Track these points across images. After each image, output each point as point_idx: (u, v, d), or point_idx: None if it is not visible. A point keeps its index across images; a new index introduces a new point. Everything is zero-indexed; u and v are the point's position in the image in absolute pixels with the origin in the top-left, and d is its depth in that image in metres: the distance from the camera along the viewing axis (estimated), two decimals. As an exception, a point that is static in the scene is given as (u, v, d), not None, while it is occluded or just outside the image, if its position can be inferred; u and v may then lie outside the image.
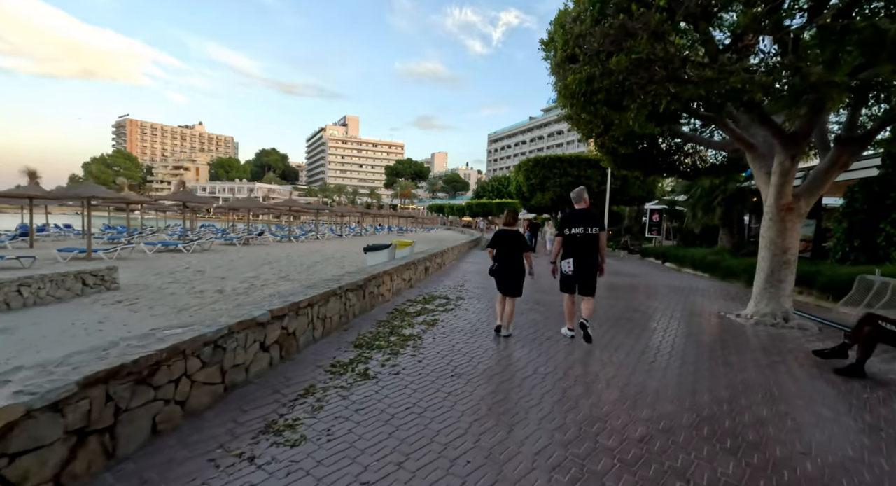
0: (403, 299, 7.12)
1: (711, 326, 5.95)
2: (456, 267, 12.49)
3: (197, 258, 13.62)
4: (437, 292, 7.88)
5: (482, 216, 57.38)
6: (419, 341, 4.66)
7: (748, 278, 9.81)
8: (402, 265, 7.88)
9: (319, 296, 4.48)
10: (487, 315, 6.08)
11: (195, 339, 2.65)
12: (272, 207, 24.78)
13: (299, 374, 3.53)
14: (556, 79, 6.71)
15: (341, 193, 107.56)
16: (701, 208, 11.97)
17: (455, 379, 3.59)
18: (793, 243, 6.06)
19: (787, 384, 3.75)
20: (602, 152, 8.52)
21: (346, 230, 38.46)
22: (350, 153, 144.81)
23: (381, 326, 5.26)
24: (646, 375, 3.87)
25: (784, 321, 5.96)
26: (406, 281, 8.13)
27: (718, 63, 4.69)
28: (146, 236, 17.98)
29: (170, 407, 2.48)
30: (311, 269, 12.06)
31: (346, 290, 5.19)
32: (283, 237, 23.20)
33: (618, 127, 6.37)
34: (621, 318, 6.23)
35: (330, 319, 4.77)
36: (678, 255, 14.40)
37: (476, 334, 5.04)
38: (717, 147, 7.59)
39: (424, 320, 5.62)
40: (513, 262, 4.86)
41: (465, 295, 7.72)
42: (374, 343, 4.49)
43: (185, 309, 6.77)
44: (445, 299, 7.29)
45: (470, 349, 4.44)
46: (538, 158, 19.57)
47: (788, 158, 5.70)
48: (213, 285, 8.98)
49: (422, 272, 9.44)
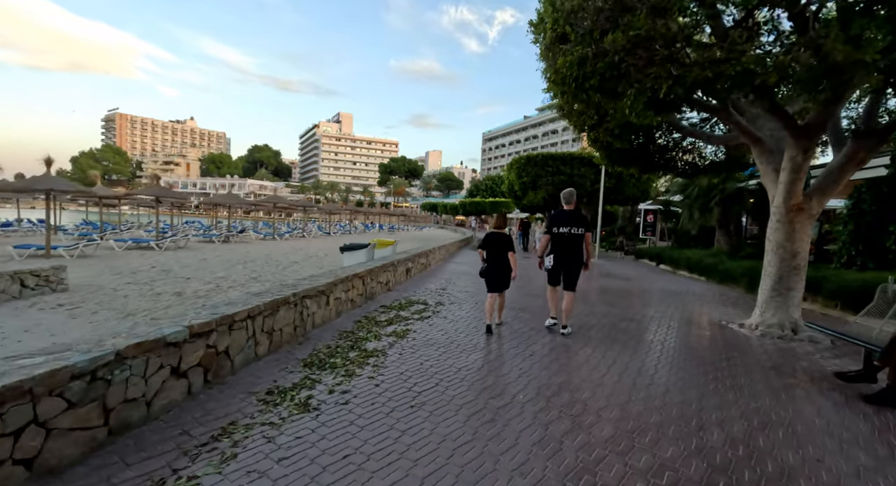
0: (377, 304, 6.49)
1: (714, 338, 5.37)
2: (442, 268, 11.87)
3: (168, 257, 12.86)
4: (415, 297, 7.25)
5: (475, 215, 56.75)
6: (382, 358, 4.02)
7: (748, 283, 9.32)
8: (378, 267, 7.24)
9: (266, 305, 3.83)
10: (467, 324, 5.47)
11: (55, 373, 2.00)
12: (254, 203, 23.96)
13: (224, 405, 2.88)
14: (546, 64, 6.11)
15: (334, 191, 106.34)
16: (698, 209, 11.44)
17: (415, 412, 2.97)
18: (803, 246, 5.50)
19: (810, 417, 3.17)
20: (595, 147, 7.93)
21: (336, 228, 37.71)
22: (343, 150, 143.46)
23: (343, 338, 4.62)
24: (643, 404, 3.27)
25: (793, 333, 5.41)
26: (383, 284, 7.49)
27: (728, 41, 4.10)
28: (121, 233, 17.15)
29: (5, 469, 1.82)
30: (287, 269, 11.37)
31: (302, 297, 4.55)
32: (267, 235, 22.41)
33: (612, 117, 5.78)
34: (615, 328, 5.65)
35: (280, 331, 4.12)
36: (673, 257, 13.88)
37: (450, 349, 4.42)
38: (718, 142, 7.03)
39: (394, 331, 4.99)
40: (501, 262, 5.18)
41: (446, 300, 7.10)
42: (329, 361, 3.85)
43: (132, 314, 6.08)
44: (423, 304, 6.67)
45: (440, 369, 3.82)
46: (530, 155, 18.95)
47: (800, 153, 5.14)
48: (175, 286, 8.28)
49: (402, 274, 8.81)
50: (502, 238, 5.23)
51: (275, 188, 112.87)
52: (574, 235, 5.03)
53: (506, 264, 5.17)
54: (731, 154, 7.79)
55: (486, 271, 5.22)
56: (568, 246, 5.06)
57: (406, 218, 61.25)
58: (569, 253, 5.07)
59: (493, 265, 5.20)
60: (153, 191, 15.31)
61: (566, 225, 5.05)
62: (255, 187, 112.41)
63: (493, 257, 5.20)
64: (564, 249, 5.07)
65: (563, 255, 5.08)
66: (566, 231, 5.04)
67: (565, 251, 5.07)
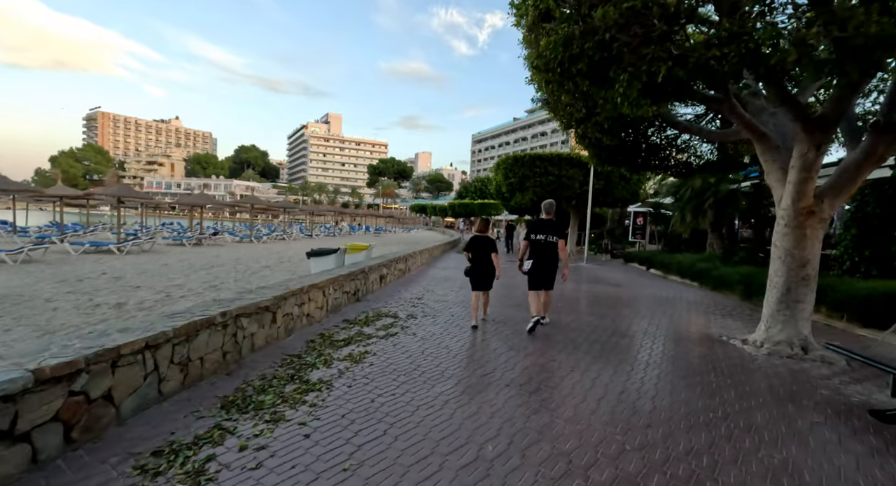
0: (340, 318, 5.76)
1: (717, 359, 4.75)
2: (423, 273, 11.17)
3: (127, 262, 11.93)
4: (386, 308, 6.53)
5: (464, 217, 56.12)
6: (325, 393, 3.30)
7: (744, 290, 8.78)
8: (344, 276, 6.51)
9: (180, 330, 3.09)
10: (437, 343, 4.77)
11: None
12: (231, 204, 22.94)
13: (81, 478, 2.13)
14: (528, 49, 5.46)
15: (322, 192, 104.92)
16: (690, 211, 10.90)
17: (346, 481, 2.25)
18: (813, 254, 4.92)
19: (852, 475, 2.53)
20: (583, 145, 7.30)
21: (321, 230, 36.72)
22: (332, 151, 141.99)
23: (286, 365, 3.88)
24: (640, 457, 2.59)
25: (803, 352, 4.82)
26: (349, 294, 6.75)
27: (738, 15, 3.48)
28: (82, 235, 16.12)
29: None
30: (255, 275, 10.55)
31: (236, 316, 3.80)
32: (245, 237, 21.43)
33: (602, 109, 5.14)
34: (605, 345, 4.99)
35: (200, 361, 3.37)
36: (664, 261, 13.36)
37: (411, 378, 3.71)
38: (716, 139, 6.45)
39: (350, 354, 4.27)
40: (485, 263, 5.62)
41: (419, 312, 6.40)
42: (256, 399, 3.11)
43: (55, 331, 5.26)
44: (393, 317, 5.95)
45: (393, 408, 3.11)
46: (517, 155, 18.30)
47: (812, 149, 4.55)
48: (120, 296, 7.43)
49: (375, 282, 8.08)
50: (486, 241, 5.69)
51: (258, 189, 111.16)
52: (549, 243, 5.50)
53: (489, 264, 5.60)
54: (727, 153, 7.22)
55: (471, 272, 5.68)
56: (544, 252, 5.53)
57: (394, 219, 60.38)
58: (545, 258, 5.53)
59: (477, 266, 5.64)
60: (115, 190, 14.31)
61: (542, 233, 5.53)
62: (242, 188, 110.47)
63: (478, 259, 5.64)
64: (541, 254, 5.54)
65: (540, 259, 5.54)
66: (542, 238, 5.52)
67: (542, 256, 5.54)
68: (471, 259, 5.68)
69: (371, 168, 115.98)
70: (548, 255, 5.52)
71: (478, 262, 5.62)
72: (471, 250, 5.67)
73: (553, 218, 5.65)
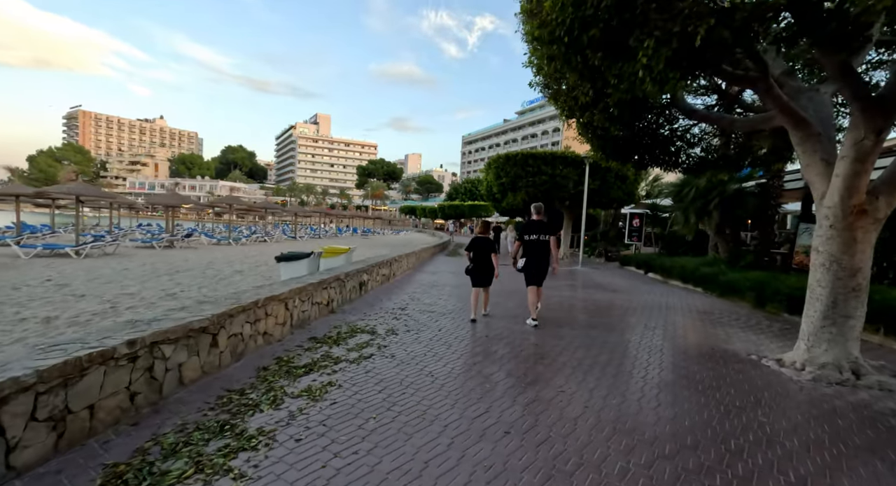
0: (306, 335, 4.86)
1: (753, 386, 3.96)
2: (410, 279, 10.30)
3: (81, 266, 10.83)
4: (363, 322, 5.66)
5: (454, 219, 55.25)
6: (261, 454, 2.42)
7: (756, 298, 8.08)
8: (315, 284, 5.62)
9: (53, 371, 2.19)
10: (419, 368, 3.90)
11: None
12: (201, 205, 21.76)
13: None
14: (527, 22, 4.65)
15: (310, 193, 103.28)
16: (694, 212, 10.19)
17: None
18: (865, 261, 4.17)
19: None
20: (586, 137, 6.51)
21: (307, 231, 35.56)
22: (321, 152, 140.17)
23: (220, 407, 2.98)
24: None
25: (854, 377, 4.06)
26: (321, 306, 5.86)
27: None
28: (42, 237, 14.89)
29: None
30: (224, 281, 9.57)
31: (153, 344, 2.89)
32: (223, 239, 20.28)
33: (615, 89, 4.32)
34: (620, 368, 4.17)
35: (91, 410, 2.46)
36: (664, 265, 12.65)
37: (381, 424, 2.84)
38: (742, 128, 5.69)
39: (309, 387, 3.39)
40: (484, 261, 6.01)
41: (401, 326, 5.53)
42: (158, 470, 2.21)
43: (-48, 356, 4.28)
44: (370, 333, 5.08)
45: (354, 477, 2.24)
46: (509, 154, 17.47)
47: (871, 135, 3.79)
48: (57, 308, 6.42)
49: (354, 290, 7.19)
50: (486, 242, 6.10)
51: (244, 190, 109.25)
52: (542, 241, 5.85)
53: (489, 263, 5.99)
54: (747, 144, 6.49)
55: (472, 270, 6.05)
56: (537, 250, 5.86)
57: (382, 221, 59.32)
58: (538, 255, 5.87)
59: (477, 265, 6.02)
60: (73, 188, 13.12)
61: (535, 233, 5.87)
62: (227, 189, 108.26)
63: (478, 258, 6.03)
64: (534, 252, 5.86)
65: (534, 257, 5.87)
66: (535, 238, 5.86)
67: (535, 254, 5.87)
68: (471, 259, 6.06)
69: (360, 169, 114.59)
70: (541, 252, 5.86)
71: (478, 261, 6.00)
72: (472, 249, 6.07)
73: (543, 218, 6.04)
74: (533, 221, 5.99)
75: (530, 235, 5.86)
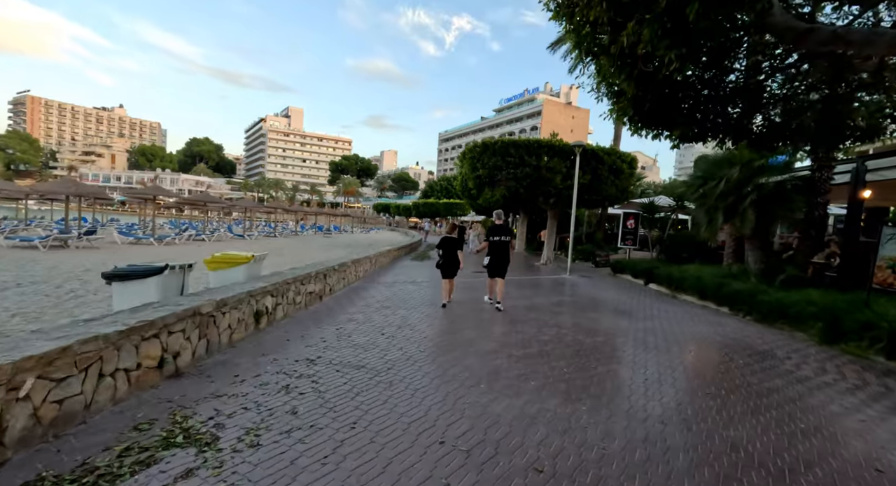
0: (30, 462, 2.14)
1: None
2: (355, 293, 7.59)
3: None
4: (209, 405, 2.99)
5: (429, 217, 52.62)
6: None
7: (824, 330, 5.83)
8: (121, 333, 2.91)
9: None
10: None
11: None
12: (106, 198, 18.28)
13: None
14: None
15: (279, 189, 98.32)
16: (723, 212, 7.89)
17: None
18: None
19: None
20: (616, 79, 4.01)
21: (263, 229, 32.13)
22: (292, 147, 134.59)
23: None
24: None
25: None
26: (150, 369, 3.14)
27: None
28: None
29: None
30: (81, 299, 6.65)
31: None
32: (145, 237, 16.96)
33: None
34: None
35: None
36: (672, 275, 10.39)
37: None
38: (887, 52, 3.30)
39: None
40: (452, 257, 7.13)
41: (280, 420, 2.89)
42: None
43: None
44: (197, 449, 2.42)
45: None
46: (487, 141, 14.93)
47: None
48: None
49: (236, 328, 4.48)
50: (453, 241, 7.30)
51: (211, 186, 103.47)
52: (503, 242, 7.14)
53: (456, 259, 7.16)
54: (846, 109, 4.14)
55: (442, 265, 7.11)
56: (500, 249, 7.11)
57: (353, 219, 56.01)
58: (500, 254, 7.10)
59: (446, 260, 7.10)
60: None
61: (498, 235, 7.14)
62: (191, 183, 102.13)
63: (447, 254, 7.12)
64: (498, 251, 7.10)
65: (497, 255, 7.09)
66: (498, 239, 7.14)
67: (498, 253, 7.10)
68: (441, 255, 7.11)
69: (333, 165, 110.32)
70: (503, 251, 7.11)
71: (446, 256, 7.08)
72: (441, 247, 7.19)
73: (504, 223, 7.50)
74: (497, 225, 7.27)
75: (495, 237, 7.16)
